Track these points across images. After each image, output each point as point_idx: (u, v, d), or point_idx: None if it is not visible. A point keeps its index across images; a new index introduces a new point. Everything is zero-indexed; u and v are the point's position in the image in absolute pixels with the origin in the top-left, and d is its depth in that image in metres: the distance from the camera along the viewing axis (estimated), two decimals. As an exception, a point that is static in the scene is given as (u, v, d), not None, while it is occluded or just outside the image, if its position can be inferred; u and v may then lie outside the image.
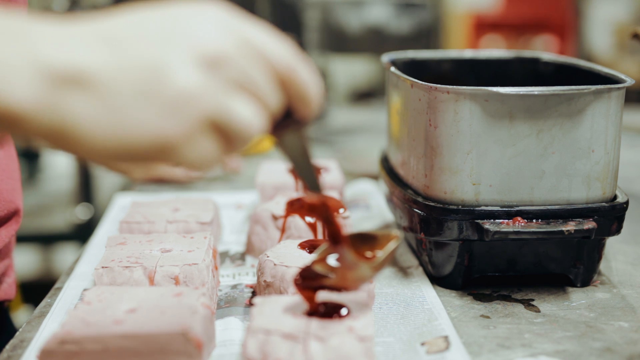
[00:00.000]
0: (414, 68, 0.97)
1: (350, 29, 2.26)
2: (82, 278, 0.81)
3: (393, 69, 0.88)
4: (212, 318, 0.65)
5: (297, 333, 0.57)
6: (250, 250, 0.89)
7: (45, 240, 2.55)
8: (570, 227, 0.73)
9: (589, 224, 0.73)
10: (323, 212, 0.58)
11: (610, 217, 0.75)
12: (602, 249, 0.78)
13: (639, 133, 1.60)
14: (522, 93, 0.72)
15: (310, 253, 0.74)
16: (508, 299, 0.75)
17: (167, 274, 0.71)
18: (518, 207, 0.75)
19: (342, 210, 0.85)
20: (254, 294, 0.77)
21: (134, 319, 0.60)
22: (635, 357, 0.63)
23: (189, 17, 0.46)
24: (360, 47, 2.32)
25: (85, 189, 2.40)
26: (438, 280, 0.79)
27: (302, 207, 0.86)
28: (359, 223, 0.99)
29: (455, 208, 0.75)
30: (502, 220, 0.74)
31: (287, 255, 0.73)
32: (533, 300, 0.75)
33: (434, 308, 0.72)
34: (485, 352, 0.64)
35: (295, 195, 0.91)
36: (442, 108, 0.75)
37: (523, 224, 0.74)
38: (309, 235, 0.85)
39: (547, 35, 4.12)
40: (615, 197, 0.78)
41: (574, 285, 0.78)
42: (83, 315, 0.61)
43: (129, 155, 0.44)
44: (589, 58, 3.79)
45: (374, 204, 1.07)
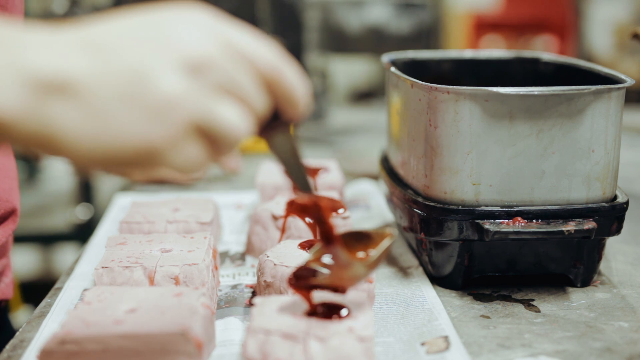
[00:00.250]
0: (414, 68, 0.97)
1: (350, 29, 2.26)
2: (82, 278, 0.81)
3: (393, 69, 0.88)
4: (212, 318, 0.65)
5: (297, 333, 0.57)
6: (250, 250, 0.89)
7: (45, 241, 2.55)
8: (570, 227, 0.72)
9: (589, 224, 0.73)
10: (315, 212, 0.58)
11: (610, 217, 0.75)
12: (602, 249, 0.78)
13: (639, 133, 1.60)
14: (522, 93, 0.72)
15: (310, 253, 0.74)
16: (508, 299, 0.75)
17: (167, 274, 0.71)
18: (518, 207, 0.75)
19: (342, 211, 0.86)
20: (254, 294, 0.77)
21: (134, 319, 0.60)
22: (635, 357, 0.63)
23: (173, 22, 0.46)
24: (360, 47, 2.31)
25: (85, 189, 2.41)
26: (438, 280, 0.79)
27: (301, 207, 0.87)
28: (359, 223, 0.99)
29: (455, 208, 0.75)
30: (502, 221, 0.74)
31: (287, 256, 0.73)
32: (533, 300, 0.75)
33: (434, 308, 0.72)
34: (485, 352, 0.64)
35: (295, 196, 0.91)
36: (442, 108, 0.75)
37: (523, 224, 0.74)
38: (309, 235, 0.85)
39: (547, 36, 4.12)
40: (616, 197, 0.78)
41: (574, 286, 0.78)
42: (83, 315, 0.61)
43: (115, 161, 0.44)
44: (589, 58, 3.79)
45: (374, 204, 1.07)
